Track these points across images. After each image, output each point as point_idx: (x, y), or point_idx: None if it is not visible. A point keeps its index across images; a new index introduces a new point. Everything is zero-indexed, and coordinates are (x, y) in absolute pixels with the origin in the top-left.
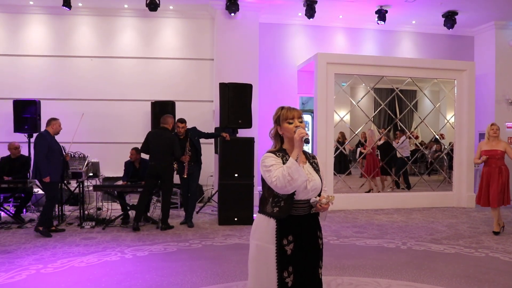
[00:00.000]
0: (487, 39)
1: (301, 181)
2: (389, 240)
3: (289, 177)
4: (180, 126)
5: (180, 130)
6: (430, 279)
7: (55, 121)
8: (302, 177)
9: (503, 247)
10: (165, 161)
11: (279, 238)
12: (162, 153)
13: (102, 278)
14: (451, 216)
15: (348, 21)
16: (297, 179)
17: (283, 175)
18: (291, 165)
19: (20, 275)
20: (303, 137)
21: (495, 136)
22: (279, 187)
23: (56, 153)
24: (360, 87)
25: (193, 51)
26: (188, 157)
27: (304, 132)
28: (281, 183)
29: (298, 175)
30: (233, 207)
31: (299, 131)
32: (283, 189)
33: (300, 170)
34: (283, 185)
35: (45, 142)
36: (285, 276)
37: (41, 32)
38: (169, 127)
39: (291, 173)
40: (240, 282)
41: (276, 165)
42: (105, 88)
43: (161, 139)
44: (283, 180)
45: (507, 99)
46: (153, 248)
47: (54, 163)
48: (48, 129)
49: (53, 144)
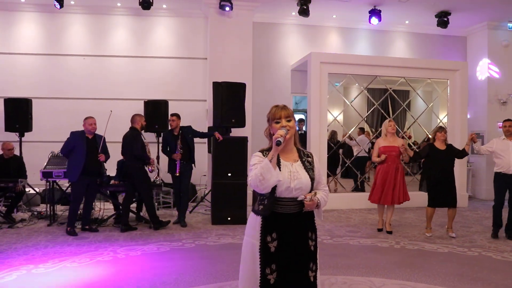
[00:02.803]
0: (480, 39)
1: (273, 181)
2: (383, 240)
3: (261, 177)
4: (171, 119)
5: (172, 124)
6: (424, 278)
7: (85, 120)
8: (274, 178)
9: (495, 246)
10: (132, 161)
11: (263, 235)
12: (129, 153)
13: (94, 278)
14: (444, 215)
15: (342, 21)
16: (269, 179)
17: (256, 175)
18: (264, 165)
19: (11, 275)
20: (276, 138)
21: (392, 133)
22: (253, 186)
23: (77, 152)
24: (354, 87)
25: (186, 50)
26: (179, 154)
27: (279, 134)
28: (254, 182)
29: (270, 175)
30: (226, 207)
31: (277, 132)
32: (256, 188)
33: (272, 170)
34: (255, 184)
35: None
36: (268, 273)
37: (33, 30)
38: (136, 126)
39: (263, 173)
40: (233, 281)
41: (257, 164)
42: (97, 87)
43: (127, 139)
44: (255, 179)
45: (499, 99)
46: (146, 248)
47: (75, 162)
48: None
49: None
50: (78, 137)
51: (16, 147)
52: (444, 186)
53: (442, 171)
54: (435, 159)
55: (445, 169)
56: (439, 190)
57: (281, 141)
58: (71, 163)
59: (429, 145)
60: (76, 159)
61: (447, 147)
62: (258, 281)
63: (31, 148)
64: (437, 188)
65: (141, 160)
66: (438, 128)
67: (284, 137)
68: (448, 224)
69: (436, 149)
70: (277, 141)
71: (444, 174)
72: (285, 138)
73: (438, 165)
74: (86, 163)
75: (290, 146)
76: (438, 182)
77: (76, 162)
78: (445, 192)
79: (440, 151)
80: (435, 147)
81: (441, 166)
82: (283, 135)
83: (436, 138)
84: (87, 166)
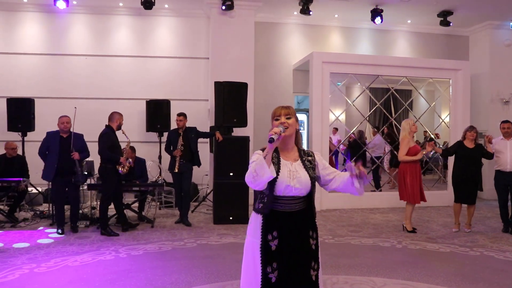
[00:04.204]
0: (482, 38)
1: (266, 177)
2: (385, 239)
3: (255, 173)
4: (178, 119)
5: (179, 123)
6: (425, 278)
7: (59, 119)
8: (267, 174)
9: (497, 246)
10: (101, 160)
11: (264, 233)
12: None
13: (96, 277)
14: (446, 215)
15: (344, 20)
16: (262, 175)
17: (250, 171)
18: (258, 161)
19: (13, 275)
20: (269, 135)
21: (415, 132)
22: (247, 181)
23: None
24: (356, 87)
25: (188, 50)
26: (179, 151)
27: (274, 131)
28: (248, 178)
29: (263, 172)
30: (228, 206)
31: (273, 129)
32: (251, 184)
33: (265, 166)
34: (250, 180)
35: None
36: (269, 271)
37: (35, 30)
38: (112, 125)
39: (257, 169)
40: (235, 281)
41: (255, 161)
42: (99, 86)
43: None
44: (249, 175)
45: (501, 98)
46: (148, 247)
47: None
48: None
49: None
50: (52, 137)
51: (19, 146)
52: (467, 184)
53: (468, 169)
54: (463, 156)
55: (471, 168)
56: (463, 188)
57: (274, 139)
58: (47, 163)
59: (458, 143)
60: (51, 159)
61: (475, 146)
62: (259, 280)
63: (33, 147)
64: (461, 185)
65: (107, 160)
66: (468, 128)
67: (279, 135)
68: (467, 220)
69: (465, 147)
70: (270, 138)
71: (469, 172)
72: (280, 136)
73: (465, 162)
74: (59, 162)
75: (290, 145)
76: (463, 179)
77: (51, 162)
78: (467, 188)
79: (468, 149)
80: (464, 145)
81: (467, 164)
82: (278, 132)
83: (466, 137)
84: (60, 166)
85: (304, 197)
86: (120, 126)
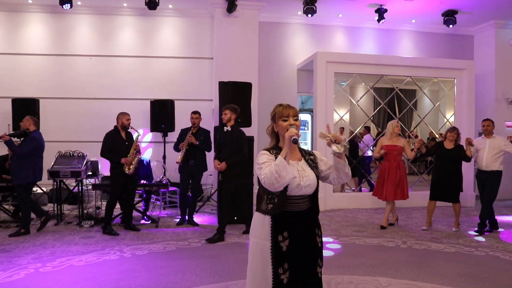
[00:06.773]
0: (487, 38)
1: (288, 178)
2: (389, 239)
3: (277, 174)
4: (194, 117)
5: (195, 121)
6: (430, 278)
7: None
8: (290, 175)
9: (503, 246)
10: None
11: (274, 235)
12: None
13: (101, 277)
14: (451, 215)
15: (348, 20)
16: (285, 176)
17: (271, 172)
18: (279, 163)
19: (19, 274)
20: (291, 136)
21: (397, 134)
22: (267, 184)
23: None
24: (360, 86)
25: (192, 50)
26: (186, 144)
27: (294, 132)
28: (269, 180)
29: (286, 173)
30: (233, 206)
31: (290, 130)
32: (271, 186)
33: (288, 167)
34: (270, 182)
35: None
36: (280, 272)
37: (40, 30)
38: (117, 125)
39: (279, 171)
40: (239, 280)
41: (268, 163)
42: (104, 87)
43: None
44: (270, 177)
45: (506, 98)
46: (152, 247)
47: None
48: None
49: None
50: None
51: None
52: (444, 183)
53: (445, 169)
54: (440, 156)
55: (448, 168)
56: (439, 186)
57: (297, 139)
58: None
59: (438, 143)
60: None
61: (455, 147)
62: (270, 283)
63: None
64: (438, 184)
65: (109, 160)
66: (449, 128)
67: (298, 136)
68: (455, 220)
69: (444, 148)
70: (293, 139)
71: (446, 172)
72: (298, 137)
73: (442, 163)
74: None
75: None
76: (440, 179)
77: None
78: (445, 187)
79: (446, 150)
80: (443, 146)
81: (445, 164)
82: (297, 133)
83: (446, 137)
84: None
85: (309, 196)
86: (124, 125)
